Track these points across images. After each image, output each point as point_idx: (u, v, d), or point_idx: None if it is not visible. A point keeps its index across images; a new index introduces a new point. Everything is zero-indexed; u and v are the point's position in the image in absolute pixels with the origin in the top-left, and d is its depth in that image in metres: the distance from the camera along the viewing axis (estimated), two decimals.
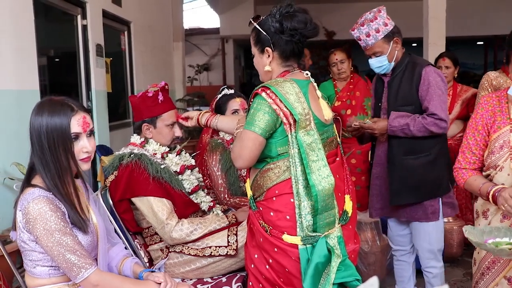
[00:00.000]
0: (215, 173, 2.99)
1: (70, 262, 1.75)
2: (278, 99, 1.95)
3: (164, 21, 7.56)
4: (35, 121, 1.81)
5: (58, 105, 1.83)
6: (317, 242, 1.94)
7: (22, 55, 3.41)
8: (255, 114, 1.97)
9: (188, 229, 2.51)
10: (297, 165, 1.95)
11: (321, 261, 1.93)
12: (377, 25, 2.76)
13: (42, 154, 1.81)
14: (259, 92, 1.98)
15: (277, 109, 1.94)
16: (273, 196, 2.02)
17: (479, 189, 2.06)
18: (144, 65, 6.29)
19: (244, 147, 1.98)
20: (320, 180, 1.93)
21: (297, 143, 1.95)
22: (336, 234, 2.01)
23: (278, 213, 2.00)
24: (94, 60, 4.62)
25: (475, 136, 2.15)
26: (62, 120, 1.81)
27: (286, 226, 1.98)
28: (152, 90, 2.61)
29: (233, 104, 3.08)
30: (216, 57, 14.76)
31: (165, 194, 2.52)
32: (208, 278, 2.60)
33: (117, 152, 2.61)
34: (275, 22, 2.01)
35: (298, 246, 1.96)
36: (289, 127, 1.95)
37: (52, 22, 4.44)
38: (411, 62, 2.87)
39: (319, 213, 1.95)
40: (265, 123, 1.95)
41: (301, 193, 1.95)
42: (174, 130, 2.66)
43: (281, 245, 1.98)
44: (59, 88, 4.47)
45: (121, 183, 2.50)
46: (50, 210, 1.75)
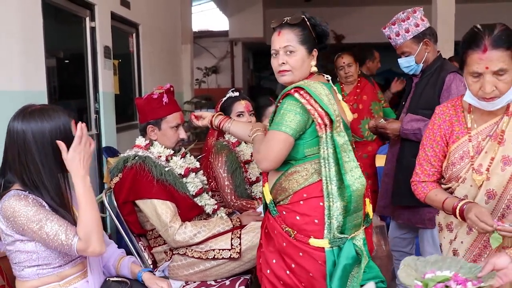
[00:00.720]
0: (221, 175, 2.99)
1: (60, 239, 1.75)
2: (312, 99, 1.93)
3: (173, 24, 7.57)
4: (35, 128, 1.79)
5: (51, 110, 1.85)
6: (344, 244, 1.94)
7: (30, 56, 3.43)
8: (285, 114, 1.94)
9: (192, 232, 2.51)
10: (331, 166, 1.94)
11: (348, 262, 1.93)
12: (408, 25, 2.79)
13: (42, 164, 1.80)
14: (292, 92, 1.96)
15: (311, 110, 1.93)
16: (301, 199, 2.00)
17: (442, 204, 1.97)
18: (152, 67, 6.30)
19: (272, 148, 1.94)
20: (354, 181, 1.94)
21: (333, 143, 1.94)
22: (361, 236, 2.03)
23: (306, 217, 1.98)
24: (102, 62, 4.63)
25: (434, 147, 2.06)
26: (65, 121, 1.82)
27: (314, 230, 1.97)
28: (157, 92, 2.61)
29: (238, 106, 3.08)
30: (225, 59, 14.77)
31: (169, 197, 2.52)
32: (212, 281, 2.60)
33: (122, 154, 2.62)
34: (323, 28, 2.10)
35: (324, 249, 1.95)
36: (325, 127, 1.94)
37: (60, 24, 4.46)
38: (440, 67, 2.83)
39: (350, 214, 1.95)
40: (296, 123, 1.93)
41: (334, 194, 1.93)
42: (179, 132, 2.67)
43: (307, 249, 1.96)
44: (66, 89, 4.49)
45: (125, 185, 2.50)
46: (24, 201, 1.75)
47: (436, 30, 6.92)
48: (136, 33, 5.90)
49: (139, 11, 5.79)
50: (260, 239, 2.21)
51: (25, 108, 1.87)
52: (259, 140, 2.10)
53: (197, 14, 13.10)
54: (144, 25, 6.00)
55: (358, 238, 2.01)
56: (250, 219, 2.71)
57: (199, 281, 2.60)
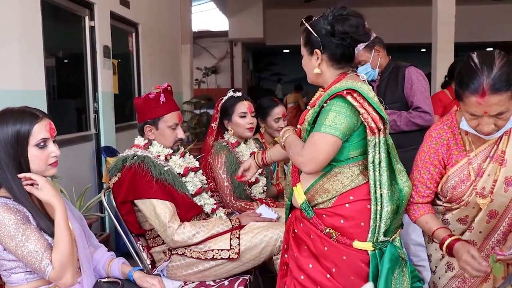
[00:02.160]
0: (220, 175, 2.98)
1: (35, 263, 1.75)
2: (366, 102, 1.84)
3: (173, 24, 7.56)
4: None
5: (21, 113, 1.84)
6: (386, 247, 1.90)
7: (29, 56, 3.42)
8: (336, 117, 1.84)
9: (190, 232, 2.50)
10: (383, 171, 1.86)
11: (391, 265, 1.89)
12: None
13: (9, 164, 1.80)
14: (344, 94, 1.85)
15: (365, 114, 1.83)
16: (347, 202, 1.93)
17: (432, 233, 1.95)
18: (151, 67, 6.29)
19: (321, 150, 1.83)
20: (403, 184, 1.93)
21: (386, 147, 1.87)
22: (398, 238, 2.02)
23: (351, 219, 1.91)
24: (101, 61, 4.62)
25: (430, 170, 2.00)
26: (24, 127, 1.81)
27: (358, 232, 1.91)
28: (154, 91, 2.60)
29: (240, 107, 3.08)
30: (225, 60, 14.78)
31: (168, 197, 2.51)
32: (211, 281, 2.59)
33: (120, 154, 2.61)
34: (327, 24, 1.94)
35: (368, 252, 1.90)
36: (378, 132, 1.85)
37: (59, 23, 4.45)
38: (396, 67, 3.20)
39: (396, 217, 1.93)
40: (346, 127, 1.84)
41: (385, 198, 1.87)
42: (176, 132, 2.65)
43: (350, 252, 1.91)
44: (66, 89, 4.49)
45: (123, 185, 2.50)
46: (9, 215, 1.74)
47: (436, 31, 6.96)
48: (136, 33, 5.89)
49: (139, 11, 5.78)
50: (284, 243, 2.14)
51: (2, 110, 1.88)
52: (295, 142, 2.01)
53: (197, 14, 13.11)
54: (144, 25, 5.99)
55: (397, 240, 2.00)
56: (249, 219, 2.70)
57: (198, 281, 2.59)
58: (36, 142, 1.83)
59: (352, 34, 1.91)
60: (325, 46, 1.95)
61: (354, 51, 2.03)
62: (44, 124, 1.86)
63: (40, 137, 1.84)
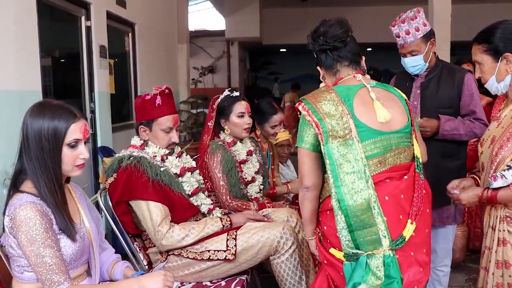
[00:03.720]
0: (216, 175, 2.97)
1: (44, 275, 1.74)
2: (310, 110, 1.92)
3: (169, 23, 7.55)
4: (34, 123, 1.79)
5: (59, 108, 1.83)
6: (357, 259, 1.85)
7: (24, 55, 3.40)
8: (302, 129, 1.96)
9: (179, 235, 2.48)
10: (330, 177, 1.87)
11: (358, 281, 1.83)
12: (417, 24, 2.77)
13: (40, 158, 1.79)
14: (297, 106, 1.98)
15: (310, 120, 1.92)
16: (327, 209, 1.96)
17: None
18: (148, 66, 6.28)
19: (302, 165, 1.97)
20: (352, 194, 1.83)
21: (327, 154, 1.87)
22: (382, 255, 1.84)
23: (330, 228, 1.95)
24: (97, 61, 4.61)
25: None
26: (61, 124, 1.80)
27: (336, 242, 1.92)
28: (152, 93, 2.59)
29: (239, 107, 3.07)
30: (221, 59, 14.78)
31: (163, 199, 2.50)
32: (207, 281, 2.58)
33: (117, 154, 2.60)
34: (309, 39, 2.07)
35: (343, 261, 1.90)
36: (320, 137, 1.89)
37: (55, 23, 4.43)
38: (446, 67, 2.93)
39: (354, 229, 1.84)
40: (311, 136, 1.94)
41: (335, 207, 1.86)
42: (170, 136, 2.63)
43: (329, 257, 1.96)
44: (62, 89, 4.47)
45: (119, 185, 2.49)
46: (36, 218, 1.73)
47: None
48: (132, 33, 5.88)
49: (135, 11, 5.77)
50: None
51: (38, 102, 1.87)
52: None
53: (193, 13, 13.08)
54: (140, 25, 5.97)
55: (378, 257, 1.84)
56: (241, 219, 2.70)
57: (195, 282, 2.59)
58: (68, 141, 1.82)
59: (323, 37, 2.01)
60: (318, 59, 2.09)
61: (345, 50, 2.05)
62: (80, 125, 1.85)
63: (74, 137, 1.83)
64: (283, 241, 2.51)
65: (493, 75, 2.11)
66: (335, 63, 2.05)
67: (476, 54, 2.14)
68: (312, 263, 2.74)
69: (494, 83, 2.12)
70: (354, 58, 2.07)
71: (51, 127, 1.79)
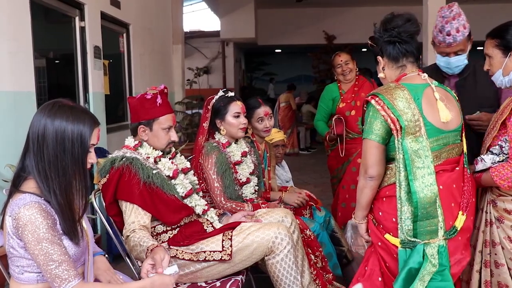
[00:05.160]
0: (210, 176, 2.97)
1: (53, 273, 1.73)
2: (386, 106, 2.02)
3: (164, 24, 7.54)
4: (55, 123, 1.78)
5: (82, 112, 1.84)
6: (415, 247, 1.99)
7: (18, 56, 3.39)
8: (372, 122, 2.06)
9: (134, 241, 2.43)
10: (401, 171, 2.01)
11: (414, 267, 1.97)
12: (464, 21, 2.68)
13: (60, 159, 1.78)
14: (369, 99, 2.08)
15: (385, 116, 2.02)
16: (383, 196, 2.12)
17: None
18: (142, 67, 6.27)
19: (368, 155, 2.08)
20: (423, 188, 1.97)
21: (403, 149, 1.99)
22: (437, 244, 2.01)
23: (386, 214, 2.10)
24: (92, 62, 4.59)
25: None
26: (86, 129, 1.81)
27: (391, 227, 2.07)
28: (151, 92, 2.59)
29: (235, 107, 3.07)
30: (216, 60, 14.77)
31: (149, 204, 2.49)
32: (202, 282, 2.58)
33: (110, 155, 2.60)
34: (378, 29, 2.18)
35: (397, 247, 2.03)
36: (396, 133, 2.01)
37: (49, 24, 4.42)
38: (477, 65, 2.80)
39: (419, 219, 1.98)
40: (381, 129, 2.05)
41: (403, 198, 2.01)
42: (170, 134, 2.64)
43: (384, 241, 2.09)
44: (56, 90, 4.45)
45: (110, 186, 2.48)
46: (41, 217, 1.72)
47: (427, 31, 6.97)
48: (127, 33, 5.86)
49: (130, 11, 5.76)
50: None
51: (56, 102, 1.85)
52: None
53: (188, 14, 13.08)
54: (135, 25, 5.96)
55: (433, 246, 2.00)
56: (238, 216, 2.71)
57: (190, 282, 2.58)
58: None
59: (399, 28, 2.11)
60: (382, 49, 2.18)
61: (412, 46, 2.16)
62: (97, 131, 1.87)
63: (92, 142, 1.85)
64: (278, 241, 2.51)
65: (500, 69, 2.25)
66: (401, 57, 2.16)
67: (488, 47, 2.28)
68: (307, 263, 2.74)
69: (500, 77, 2.27)
70: (418, 56, 2.20)
71: (77, 130, 1.79)
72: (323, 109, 4.43)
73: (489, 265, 2.25)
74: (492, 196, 2.25)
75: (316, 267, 2.86)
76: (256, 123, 3.38)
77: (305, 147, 11.81)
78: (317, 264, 2.89)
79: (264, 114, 3.37)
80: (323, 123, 4.41)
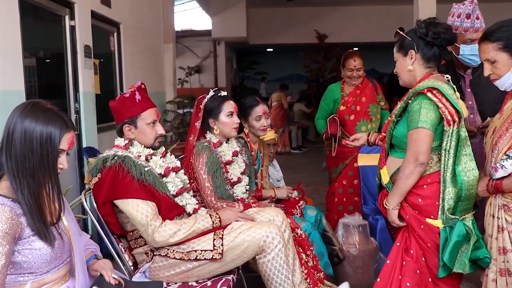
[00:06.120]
0: (201, 176, 2.96)
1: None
2: (444, 98, 2.24)
3: (155, 23, 7.52)
4: (25, 123, 1.76)
5: (54, 115, 1.81)
6: (455, 224, 2.27)
7: (7, 55, 3.37)
8: (427, 113, 2.25)
9: (171, 229, 2.48)
10: (451, 156, 2.27)
11: (459, 240, 2.26)
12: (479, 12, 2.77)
13: (28, 159, 1.76)
14: (425, 92, 2.27)
15: (442, 107, 2.24)
16: (424, 184, 2.34)
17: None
18: (133, 66, 6.25)
19: (422, 144, 2.26)
20: (466, 172, 2.26)
21: (457, 137, 2.26)
22: (470, 218, 2.33)
23: (427, 199, 2.33)
24: (82, 61, 4.57)
25: None
26: (55, 132, 1.79)
27: (431, 210, 2.32)
28: (129, 91, 2.59)
29: (228, 106, 3.06)
30: (208, 59, 14.76)
31: (149, 196, 2.49)
32: (193, 282, 2.58)
33: (101, 154, 2.58)
34: (422, 28, 2.35)
35: (439, 228, 2.30)
36: (453, 123, 2.24)
37: (39, 23, 4.39)
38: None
39: (461, 200, 2.26)
40: (435, 119, 2.26)
41: (448, 180, 2.26)
42: (156, 128, 2.63)
43: (426, 224, 2.33)
44: (46, 89, 4.42)
45: (104, 185, 2.47)
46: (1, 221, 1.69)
47: None
48: (117, 32, 5.84)
49: (120, 10, 5.73)
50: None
51: (31, 102, 1.84)
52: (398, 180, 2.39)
53: (179, 13, 13.04)
54: (126, 24, 5.94)
55: (468, 219, 2.31)
56: (231, 216, 2.69)
57: (181, 282, 2.58)
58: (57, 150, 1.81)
59: (443, 35, 2.33)
60: (418, 47, 2.37)
61: (442, 53, 2.39)
62: (69, 136, 1.84)
63: (61, 147, 1.82)
64: (269, 240, 2.51)
65: (510, 71, 2.17)
66: (433, 59, 2.39)
67: (488, 52, 2.19)
68: (298, 262, 2.74)
69: (510, 79, 2.19)
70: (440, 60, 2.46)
71: (46, 132, 1.77)
72: (324, 108, 4.40)
73: (505, 274, 2.20)
74: (505, 200, 2.21)
75: (307, 266, 2.86)
76: (253, 121, 3.38)
77: (297, 146, 11.83)
78: (308, 263, 2.90)
79: (262, 112, 3.37)
80: (322, 121, 4.38)
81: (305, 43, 14.58)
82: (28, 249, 1.77)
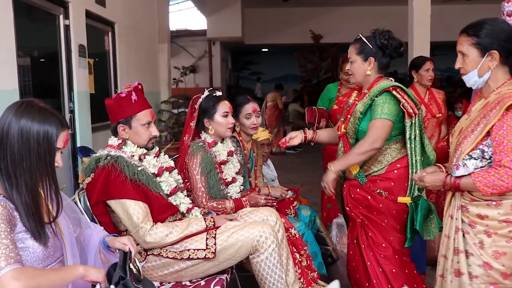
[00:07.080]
0: (194, 176, 2.96)
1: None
2: (406, 95, 2.63)
3: (150, 22, 7.51)
4: (21, 122, 1.75)
5: (49, 114, 1.81)
6: (419, 200, 2.66)
7: (0, 54, 3.36)
8: (388, 107, 2.60)
9: (163, 232, 2.48)
10: (417, 143, 2.66)
11: (424, 213, 2.66)
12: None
13: (26, 158, 1.75)
14: (390, 90, 2.62)
15: (405, 103, 2.60)
16: (394, 169, 2.71)
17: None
18: (128, 66, 6.23)
19: (382, 132, 2.60)
20: (430, 153, 2.71)
21: (420, 126, 2.65)
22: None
23: (399, 181, 2.70)
24: (76, 60, 4.56)
25: None
26: (52, 130, 1.78)
27: (401, 190, 2.69)
28: (125, 90, 2.58)
29: (223, 106, 3.06)
30: (203, 59, 14.74)
31: (142, 197, 2.49)
32: (187, 281, 2.58)
33: (94, 154, 2.58)
34: (384, 40, 2.66)
35: (407, 204, 2.67)
36: (414, 115, 2.62)
37: (33, 22, 4.38)
38: None
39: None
40: (395, 112, 2.61)
41: (418, 162, 2.66)
42: (150, 130, 2.63)
43: (397, 206, 2.68)
44: (40, 88, 4.41)
45: (97, 185, 2.47)
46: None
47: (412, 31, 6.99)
48: (112, 32, 5.83)
49: (115, 9, 5.72)
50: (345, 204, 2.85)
51: (25, 101, 1.83)
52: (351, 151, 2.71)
53: (174, 13, 13.02)
54: (120, 24, 5.93)
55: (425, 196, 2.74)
56: (224, 221, 2.70)
57: (174, 281, 2.58)
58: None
59: (397, 50, 2.70)
60: (377, 55, 2.69)
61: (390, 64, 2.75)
62: (64, 135, 1.84)
63: (57, 146, 1.82)
64: (262, 239, 2.52)
65: (476, 69, 2.16)
66: (385, 67, 2.74)
67: (463, 44, 2.18)
68: (291, 261, 2.75)
69: (474, 77, 2.18)
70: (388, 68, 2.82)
71: (43, 130, 1.76)
72: (320, 106, 4.46)
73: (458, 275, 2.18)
74: (464, 202, 2.19)
75: (301, 265, 2.87)
76: (244, 119, 3.38)
77: (292, 146, 11.80)
78: (302, 263, 2.90)
79: (252, 110, 3.37)
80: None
81: (300, 43, 14.60)
82: (20, 247, 1.77)
